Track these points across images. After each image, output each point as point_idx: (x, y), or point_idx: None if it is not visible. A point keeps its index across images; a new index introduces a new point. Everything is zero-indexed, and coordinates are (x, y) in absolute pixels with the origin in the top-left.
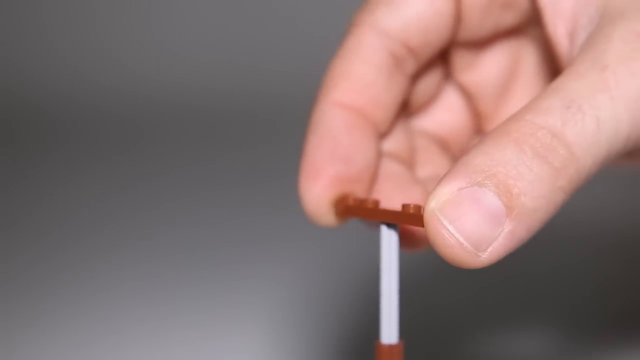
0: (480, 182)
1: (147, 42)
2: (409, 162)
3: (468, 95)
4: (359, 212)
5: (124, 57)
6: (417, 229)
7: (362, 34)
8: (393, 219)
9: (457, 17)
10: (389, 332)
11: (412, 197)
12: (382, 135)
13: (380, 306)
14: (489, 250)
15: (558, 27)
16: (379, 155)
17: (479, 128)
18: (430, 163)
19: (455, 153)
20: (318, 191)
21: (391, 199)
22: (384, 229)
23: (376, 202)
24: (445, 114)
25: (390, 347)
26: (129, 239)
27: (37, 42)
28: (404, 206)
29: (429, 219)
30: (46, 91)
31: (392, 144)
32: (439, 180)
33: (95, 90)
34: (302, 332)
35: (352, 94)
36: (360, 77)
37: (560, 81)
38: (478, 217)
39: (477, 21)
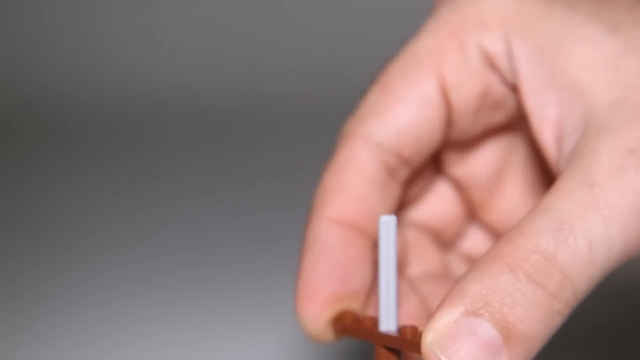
0: (476, 311)
1: (147, 42)
2: (400, 262)
3: (460, 187)
4: (356, 333)
5: (124, 57)
6: None
7: (354, 146)
8: (390, 343)
9: (448, 122)
10: (387, 320)
11: (406, 310)
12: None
13: (378, 293)
14: None
15: (545, 134)
16: (375, 266)
17: (473, 214)
18: (421, 259)
19: (447, 240)
20: (315, 312)
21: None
22: (382, 220)
23: (374, 321)
24: (436, 205)
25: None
26: (129, 239)
27: (37, 42)
28: (401, 330)
29: (427, 353)
30: (46, 91)
31: None
32: (436, 308)
33: (95, 90)
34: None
35: (346, 209)
36: (354, 192)
37: (549, 200)
38: (476, 350)
39: (467, 124)
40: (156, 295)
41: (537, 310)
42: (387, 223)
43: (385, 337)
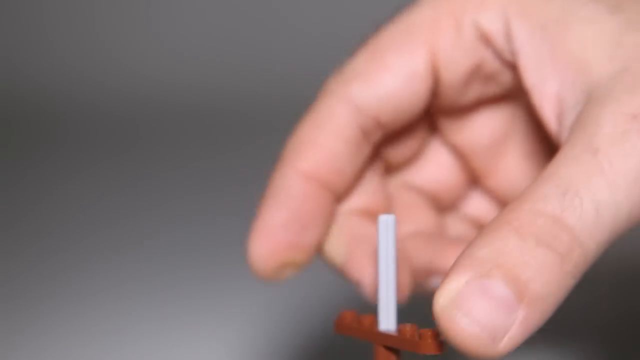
0: (487, 273)
1: (147, 42)
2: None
3: (459, 153)
4: (355, 332)
5: (124, 57)
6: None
7: (334, 105)
8: (389, 343)
9: (433, 94)
10: (387, 320)
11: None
12: (342, 198)
13: (378, 292)
14: (505, 339)
15: (545, 109)
16: (333, 223)
17: (474, 181)
18: (411, 219)
19: (446, 204)
20: (266, 254)
21: (367, 268)
22: (381, 219)
23: (372, 320)
24: (435, 169)
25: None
26: (129, 239)
27: (37, 42)
28: (401, 329)
29: (440, 316)
30: (46, 91)
31: (364, 201)
32: (445, 276)
33: (95, 90)
34: (301, 331)
35: (317, 164)
36: (327, 149)
37: (553, 167)
38: (490, 307)
39: (455, 95)
40: (156, 295)
41: (548, 270)
42: (387, 222)
43: (385, 336)
